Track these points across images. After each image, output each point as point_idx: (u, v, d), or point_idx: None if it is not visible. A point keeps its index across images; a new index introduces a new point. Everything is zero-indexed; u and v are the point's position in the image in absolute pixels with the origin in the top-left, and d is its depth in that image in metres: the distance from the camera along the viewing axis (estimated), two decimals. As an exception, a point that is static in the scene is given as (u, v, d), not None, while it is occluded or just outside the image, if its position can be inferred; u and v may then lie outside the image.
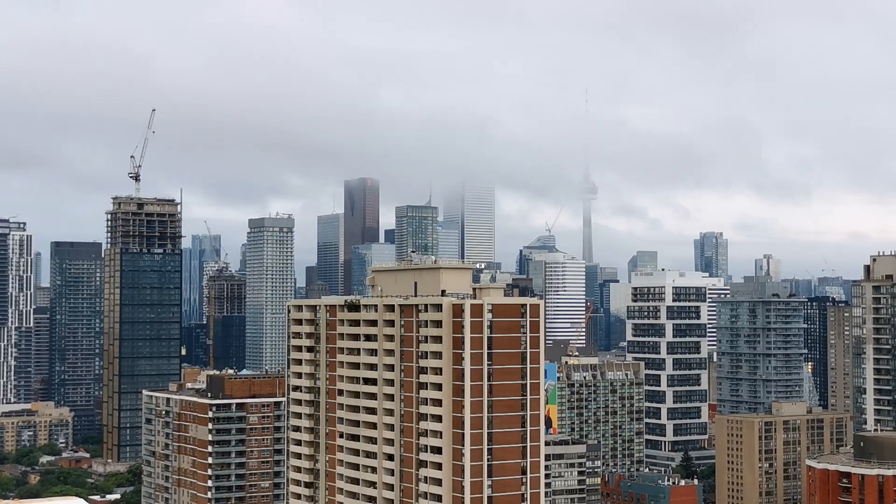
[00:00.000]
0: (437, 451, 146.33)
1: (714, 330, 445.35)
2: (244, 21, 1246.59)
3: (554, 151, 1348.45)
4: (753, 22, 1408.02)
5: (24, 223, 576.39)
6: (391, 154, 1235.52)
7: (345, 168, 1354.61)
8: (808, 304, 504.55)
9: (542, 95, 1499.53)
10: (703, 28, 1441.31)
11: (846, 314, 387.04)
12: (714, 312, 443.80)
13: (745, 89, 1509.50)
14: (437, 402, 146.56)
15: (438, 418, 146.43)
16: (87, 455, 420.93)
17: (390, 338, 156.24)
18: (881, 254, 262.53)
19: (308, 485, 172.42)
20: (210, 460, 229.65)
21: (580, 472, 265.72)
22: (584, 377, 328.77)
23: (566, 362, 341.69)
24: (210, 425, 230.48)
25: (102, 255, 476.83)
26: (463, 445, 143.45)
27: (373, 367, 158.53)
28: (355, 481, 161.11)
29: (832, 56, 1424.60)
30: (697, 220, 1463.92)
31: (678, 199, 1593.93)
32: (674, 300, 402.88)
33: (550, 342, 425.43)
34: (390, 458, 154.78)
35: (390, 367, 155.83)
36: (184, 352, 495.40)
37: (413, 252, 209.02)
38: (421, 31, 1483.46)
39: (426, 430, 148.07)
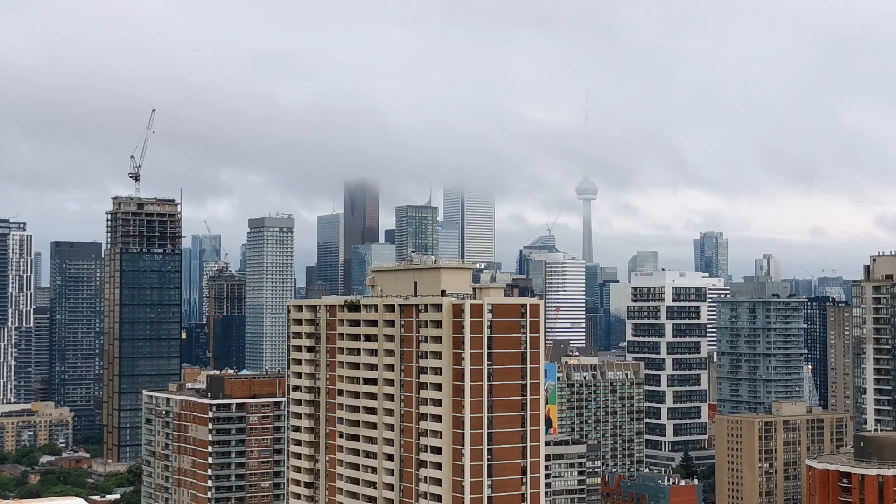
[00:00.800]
0: (437, 451, 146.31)
1: (714, 330, 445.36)
2: (125, 15, 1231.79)
3: (457, 144, 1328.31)
4: (622, 11, 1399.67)
5: (24, 223, 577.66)
6: (287, 150, 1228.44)
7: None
8: (808, 304, 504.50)
9: (433, 89, 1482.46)
10: (571, 17, 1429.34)
11: (846, 314, 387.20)
12: (714, 312, 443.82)
13: (626, 81, 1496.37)
14: (437, 402, 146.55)
15: (438, 418, 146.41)
16: (87, 455, 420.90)
17: (390, 338, 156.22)
18: (881, 254, 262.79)
19: (308, 485, 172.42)
20: (210, 460, 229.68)
21: (580, 472, 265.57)
22: (584, 377, 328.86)
23: (566, 362, 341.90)
24: (210, 425, 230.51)
25: (102, 255, 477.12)
26: (463, 445, 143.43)
27: (373, 367, 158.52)
28: (355, 481, 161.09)
29: (707, 46, 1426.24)
30: (649, 219, 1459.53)
31: (614, 196, 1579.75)
32: (674, 300, 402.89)
33: (550, 342, 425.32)
34: (390, 458, 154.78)
35: (390, 367, 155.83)
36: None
37: (413, 252, 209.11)
38: (297, 27, 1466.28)
39: (426, 430, 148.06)
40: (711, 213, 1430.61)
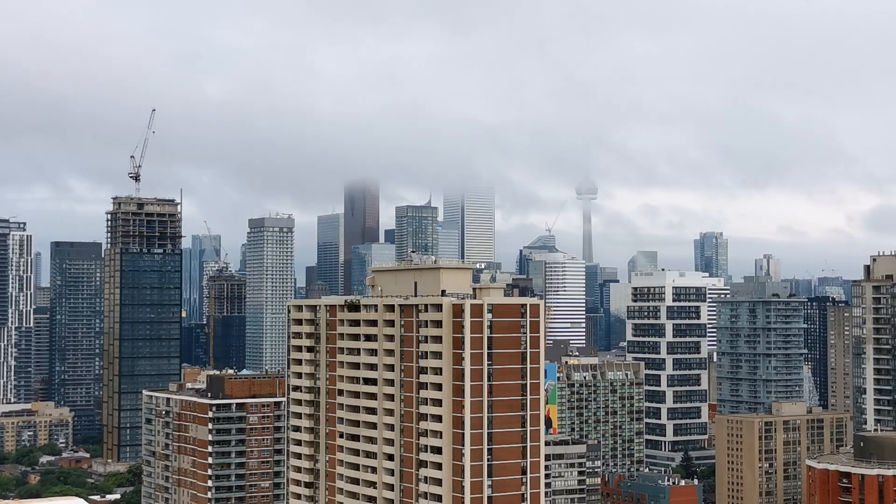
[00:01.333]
0: (437, 451, 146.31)
1: (714, 330, 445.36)
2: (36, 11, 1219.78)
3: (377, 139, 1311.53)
4: (537, 9, 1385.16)
5: (24, 223, 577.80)
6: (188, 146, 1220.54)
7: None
8: (808, 304, 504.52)
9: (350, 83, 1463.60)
10: (486, 14, 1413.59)
11: (846, 314, 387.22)
12: (714, 312, 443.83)
13: (544, 80, 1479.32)
14: (437, 402, 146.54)
15: (438, 418, 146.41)
16: (87, 455, 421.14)
17: (390, 338, 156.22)
18: (881, 254, 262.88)
19: (308, 485, 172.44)
20: (210, 460, 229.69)
21: (580, 472, 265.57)
22: (584, 377, 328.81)
23: (566, 362, 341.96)
24: (210, 425, 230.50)
25: (102, 255, 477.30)
26: (463, 445, 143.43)
27: (373, 367, 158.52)
28: (355, 481, 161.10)
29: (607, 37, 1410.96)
30: (609, 216, 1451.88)
31: (561, 192, 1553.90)
32: (674, 300, 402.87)
33: (550, 342, 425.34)
34: (390, 458, 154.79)
35: (390, 367, 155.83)
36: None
37: (413, 252, 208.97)
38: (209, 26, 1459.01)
39: (426, 430, 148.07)
40: (681, 213, 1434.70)
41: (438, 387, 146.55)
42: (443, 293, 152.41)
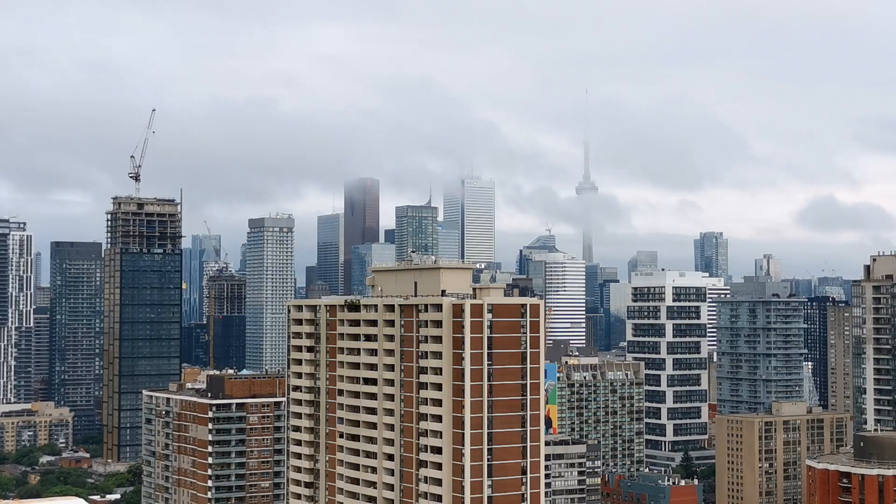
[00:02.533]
0: (437, 451, 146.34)
1: (714, 330, 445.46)
2: None
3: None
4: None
5: (24, 223, 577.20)
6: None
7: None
8: (808, 304, 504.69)
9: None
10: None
11: (846, 314, 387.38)
12: (714, 312, 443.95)
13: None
14: (437, 402, 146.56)
15: (438, 418, 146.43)
16: (87, 455, 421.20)
17: (390, 338, 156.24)
18: (881, 254, 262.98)
19: (308, 485, 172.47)
20: (210, 460, 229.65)
21: (580, 472, 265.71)
22: (584, 377, 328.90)
23: (566, 362, 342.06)
24: (210, 425, 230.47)
25: (102, 255, 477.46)
26: (463, 445, 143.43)
27: (373, 367, 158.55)
28: (355, 481, 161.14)
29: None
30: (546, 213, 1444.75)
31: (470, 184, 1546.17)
32: (674, 300, 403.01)
33: (550, 342, 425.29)
34: (390, 458, 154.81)
35: (390, 367, 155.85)
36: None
37: (413, 252, 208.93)
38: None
39: (426, 430, 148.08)
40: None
41: (438, 387, 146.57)
42: (443, 293, 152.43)
